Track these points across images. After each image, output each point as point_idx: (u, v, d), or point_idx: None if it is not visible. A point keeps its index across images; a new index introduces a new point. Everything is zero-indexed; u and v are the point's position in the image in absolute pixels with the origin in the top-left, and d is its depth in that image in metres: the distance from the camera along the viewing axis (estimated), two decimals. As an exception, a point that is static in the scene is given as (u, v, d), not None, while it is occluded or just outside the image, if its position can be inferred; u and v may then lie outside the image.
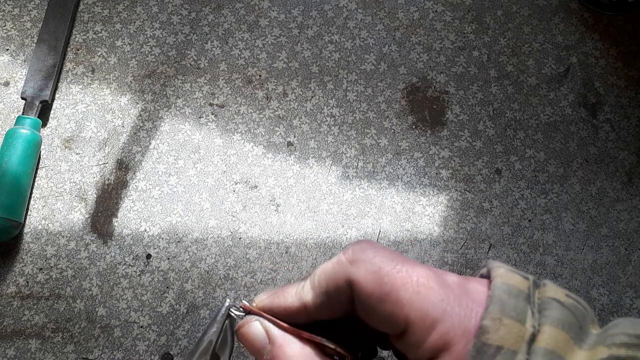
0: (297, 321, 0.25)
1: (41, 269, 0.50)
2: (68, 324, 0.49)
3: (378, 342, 0.28)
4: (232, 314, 0.27)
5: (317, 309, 0.25)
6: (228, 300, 0.26)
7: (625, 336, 0.21)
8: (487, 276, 0.24)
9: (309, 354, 0.24)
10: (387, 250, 0.24)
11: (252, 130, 0.55)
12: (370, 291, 0.23)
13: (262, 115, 0.56)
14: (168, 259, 0.51)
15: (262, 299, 0.27)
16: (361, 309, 0.24)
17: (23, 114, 0.53)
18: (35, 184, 0.53)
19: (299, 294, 0.25)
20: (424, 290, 0.22)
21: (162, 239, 0.52)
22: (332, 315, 0.25)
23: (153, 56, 0.57)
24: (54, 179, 0.53)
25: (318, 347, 0.24)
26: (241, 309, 0.27)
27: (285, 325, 0.25)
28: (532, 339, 0.21)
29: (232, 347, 0.27)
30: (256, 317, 0.25)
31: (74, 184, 0.53)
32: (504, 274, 0.23)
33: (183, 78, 0.56)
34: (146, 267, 0.51)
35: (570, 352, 0.21)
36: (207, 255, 0.51)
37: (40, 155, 0.53)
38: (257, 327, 0.25)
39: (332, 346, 0.24)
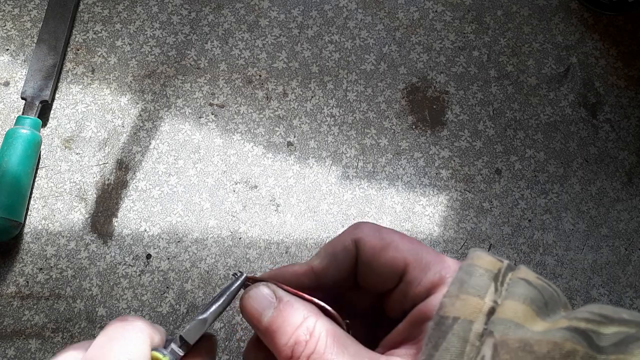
0: (303, 285, 0.27)
1: (41, 269, 0.50)
2: (68, 324, 0.49)
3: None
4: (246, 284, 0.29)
5: (324, 270, 0.27)
6: (245, 274, 0.28)
7: (588, 313, 0.22)
8: None
9: (315, 310, 0.25)
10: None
11: (252, 130, 0.55)
12: (374, 244, 0.26)
13: (262, 115, 0.56)
14: (168, 259, 0.51)
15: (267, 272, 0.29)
16: (365, 262, 0.26)
17: (23, 114, 0.53)
18: (35, 184, 0.53)
19: (306, 262, 0.28)
20: (417, 244, 0.26)
21: (162, 239, 0.52)
22: (337, 276, 0.27)
23: (153, 56, 0.57)
24: (54, 179, 0.53)
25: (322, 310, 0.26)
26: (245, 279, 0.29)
27: (285, 287, 0.27)
28: (492, 312, 0.22)
29: (225, 308, 0.28)
30: (263, 282, 0.27)
31: (74, 184, 0.53)
32: (475, 256, 0.25)
33: (183, 78, 0.56)
34: (146, 267, 0.51)
35: (530, 321, 0.22)
36: (207, 255, 0.51)
37: (40, 155, 0.53)
38: (264, 289, 0.26)
39: (330, 309, 0.26)
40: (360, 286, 0.28)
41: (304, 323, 0.24)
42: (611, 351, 0.20)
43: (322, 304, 0.26)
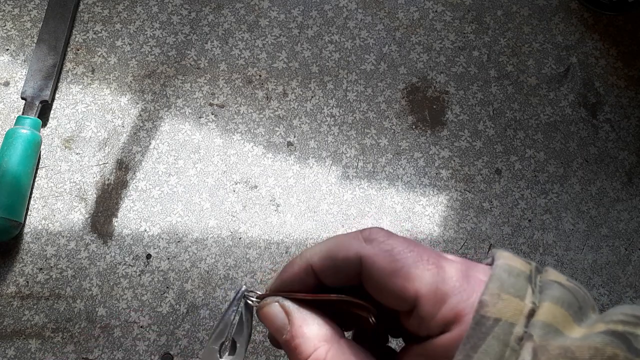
0: (305, 284, 0.27)
1: (41, 269, 0.50)
2: (68, 324, 0.49)
3: (389, 331, 0.29)
4: (249, 301, 0.28)
5: (321, 270, 0.26)
6: (244, 285, 0.27)
7: (622, 315, 0.21)
8: (492, 264, 0.25)
9: (325, 334, 0.25)
10: (401, 237, 0.25)
11: (252, 130, 0.55)
12: (382, 266, 0.24)
13: (262, 115, 0.56)
14: (168, 259, 0.51)
15: (271, 283, 0.28)
16: (372, 284, 0.25)
17: (23, 114, 0.53)
18: (35, 184, 0.53)
19: (305, 256, 0.27)
20: (434, 268, 0.24)
21: (162, 239, 0.52)
22: (334, 279, 0.26)
23: (153, 56, 0.57)
24: (54, 179, 0.53)
25: (335, 329, 0.25)
26: (256, 298, 0.28)
27: (300, 295, 0.26)
28: (531, 314, 0.22)
29: (250, 335, 0.28)
30: (275, 298, 0.26)
31: (74, 184, 0.53)
32: (507, 257, 0.24)
33: (183, 78, 0.56)
34: (146, 267, 0.51)
35: (568, 327, 0.21)
36: (207, 255, 0.51)
37: (40, 155, 0.53)
38: (276, 308, 0.26)
39: (353, 299, 0.25)
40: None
41: (314, 354, 0.24)
42: None
43: (343, 297, 0.25)
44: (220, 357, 0.27)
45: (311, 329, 0.25)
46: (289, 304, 0.26)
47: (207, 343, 0.27)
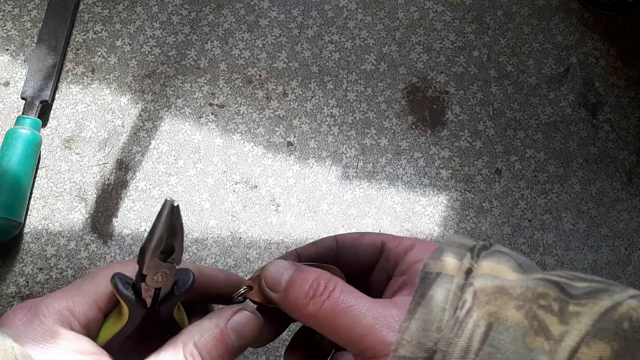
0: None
1: (41, 269, 0.50)
2: (68, 324, 0.49)
3: None
4: (174, 205, 0.26)
5: (305, 254, 0.32)
6: (167, 198, 0.26)
7: (562, 272, 0.24)
8: None
9: (326, 275, 0.29)
10: None
11: (252, 130, 0.55)
12: (352, 236, 0.32)
13: (262, 115, 0.56)
14: (168, 259, 0.51)
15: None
16: (345, 250, 0.31)
17: (23, 114, 0.53)
18: (35, 184, 0.52)
19: (292, 249, 0.33)
20: (394, 235, 0.31)
21: (162, 239, 0.52)
22: (315, 257, 0.32)
23: (153, 56, 0.57)
24: (54, 179, 0.53)
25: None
26: (246, 287, 0.31)
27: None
28: (469, 271, 0.25)
29: (183, 234, 0.28)
30: (280, 258, 0.31)
31: (74, 184, 0.53)
32: (454, 235, 0.29)
33: (183, 78, 0.56)
34: (146, 267, 0.51)
35: (506, 274, 0.24)
36: (207, 255, 0.51)
37: (40, 155, 0.53)
38: (282, 260, 0.30)
39: (328, 265, 0.30)
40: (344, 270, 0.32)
41: (319, 276, 0.28)
42: (582, 297, 0.22)
43: (315, 264, 0.30)
44: (164, 261, 0.28)
45: (313, 269, 0.29)
46: (292, 260, 0.31)
47: (146, 257, 0.27)
